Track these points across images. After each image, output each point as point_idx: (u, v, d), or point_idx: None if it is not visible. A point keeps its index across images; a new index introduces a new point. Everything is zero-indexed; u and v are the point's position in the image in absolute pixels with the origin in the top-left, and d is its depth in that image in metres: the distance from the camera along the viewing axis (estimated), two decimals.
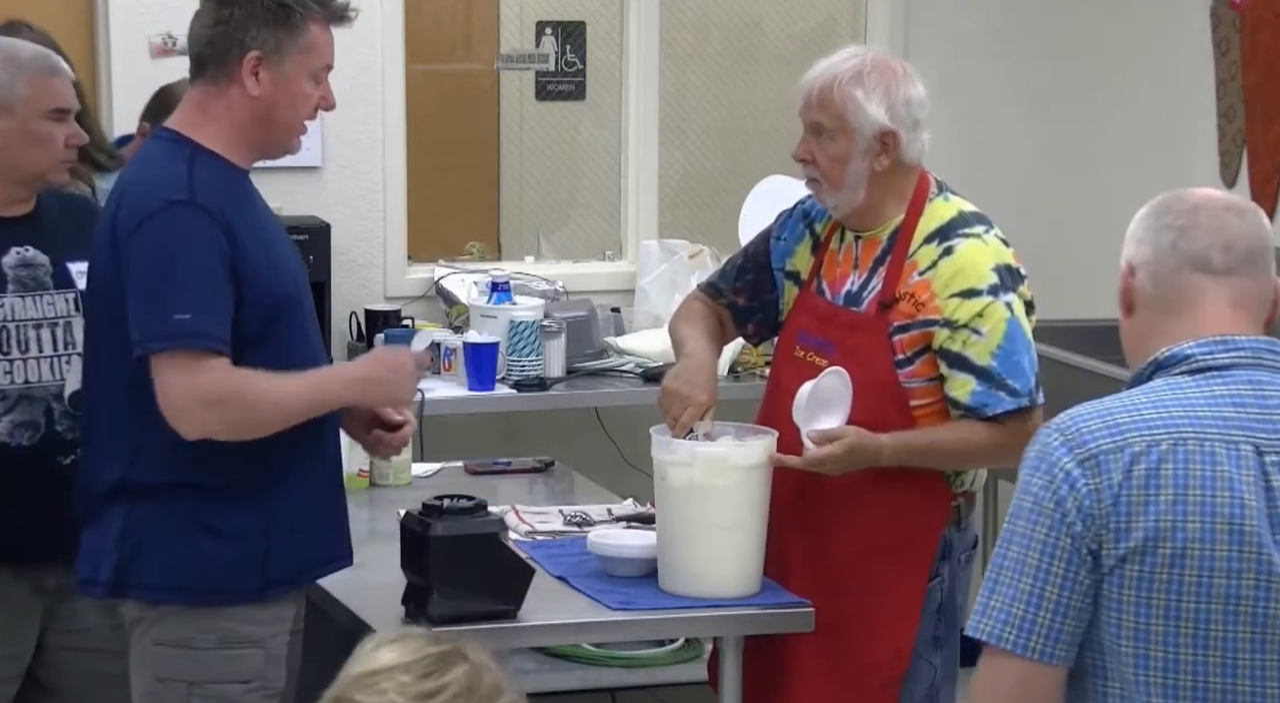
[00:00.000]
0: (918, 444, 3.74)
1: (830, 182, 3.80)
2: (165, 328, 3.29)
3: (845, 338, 3.82)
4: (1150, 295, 2.52)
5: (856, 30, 6.48)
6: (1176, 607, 2.38)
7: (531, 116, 6.92)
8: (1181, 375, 2.47)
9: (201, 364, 3.30)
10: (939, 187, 3.90)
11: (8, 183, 3.73)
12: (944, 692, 3.91)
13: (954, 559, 3.86)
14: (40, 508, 3.66)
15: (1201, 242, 2.49)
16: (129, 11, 5.70)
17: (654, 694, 5.49)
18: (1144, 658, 2.40)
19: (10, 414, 3.70)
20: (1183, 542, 2.37)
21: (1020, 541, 2.42)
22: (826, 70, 3.80)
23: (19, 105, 3.69)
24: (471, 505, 3.59)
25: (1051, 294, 6.17)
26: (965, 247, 3.77)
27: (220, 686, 3.42)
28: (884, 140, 3.77)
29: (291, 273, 3.51)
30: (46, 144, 3.72)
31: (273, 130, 3.46)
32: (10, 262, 3.73)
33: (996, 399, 3.71)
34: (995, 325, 3.72)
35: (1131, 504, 2.38)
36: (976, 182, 6.40)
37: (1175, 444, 2.40)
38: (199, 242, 3.32)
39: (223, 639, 3.41)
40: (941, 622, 3.86)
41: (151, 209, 3.33)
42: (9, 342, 3.70)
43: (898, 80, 3.80)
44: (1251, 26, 5.71)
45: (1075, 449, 2.41)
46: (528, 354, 5.51)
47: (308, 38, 3.44)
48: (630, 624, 3.74)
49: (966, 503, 3.90)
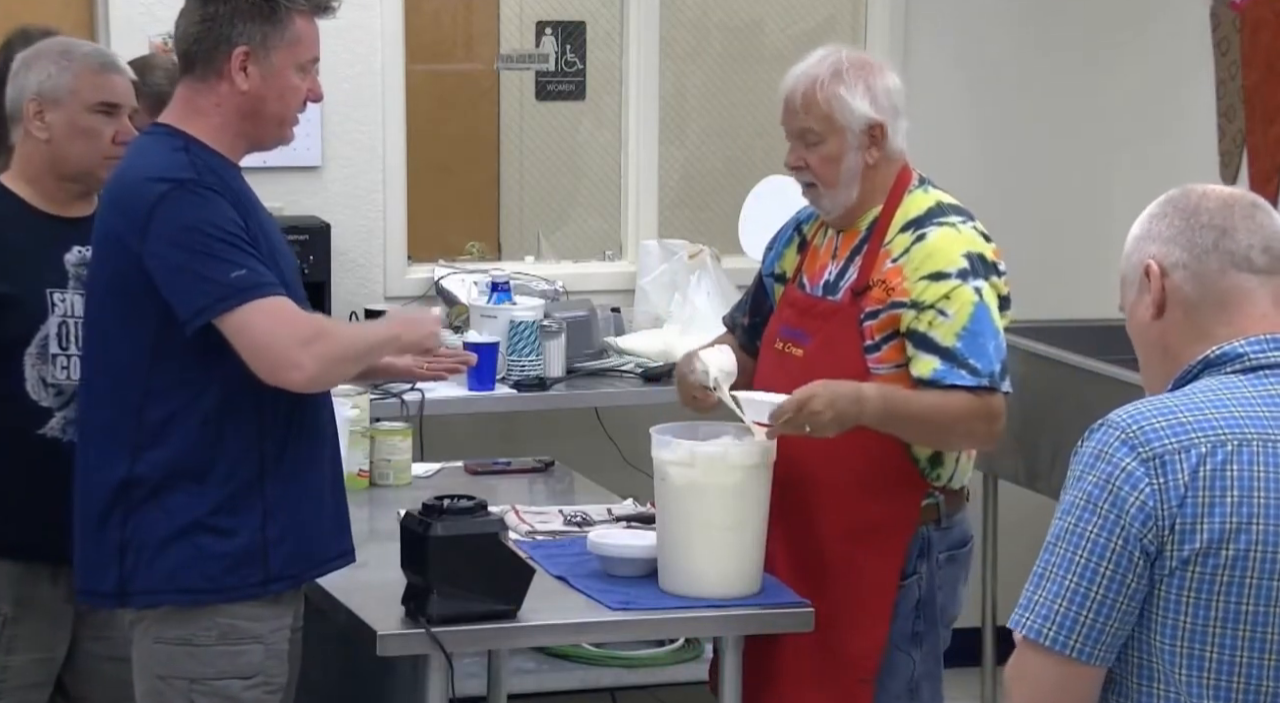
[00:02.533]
0: (900, 394, 3.73)
1: (826, 183, 3.83)
2: (228, 287, 3.30)
3: (820, 327, 3.86)
4: (1190, 296, 2.47)
5: (856, 30, 6.47)
6: (1236, 610, 2.35)
7: (531, 116, 6.92)
8: (1234, 375, 2.44)
9: (281, 309, 3.32)
10: (920, 180, 3.92)
11: (57, 178, 3.77)
12: (925, 688, 3.93)
13: (932, 558, 3.87)
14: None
15: (1244, 241, 2.47)
16: (129, 12, 5.70)
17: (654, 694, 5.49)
18: (1198, 660, 2.37)
19: (64, 410, 3.72)
20: (1246, 544, 2.34)
21: (1069, 537, 2.39)
22: (804, 75, 3.85)
23: (67, 97, 3.74)
24: (471, 505, 3.59)
25: (1051, 294, 6.20)
26: (938, 233, 3.80)
27: (222, 682, 3.43)
28: (873, 133, 3.82)
29: (288, 265, 3.53)
30: (92, 138, 3.75)
31: (262, 123, 3.47)
32: (72, 259, 3.77)
33: (957, 375, 3.73)
34: (961, 308, 3.74)
35: (1198, 506, 2.35)
36: (976, 181, 6.41)
37: (1240, 445, 2.37)
38: (218, 211, 3.34)
39: (223, 635, 3.42)
40: (920, 618, 3.87)
41: (162, 191, 3.34)
42: (68, 338, 3.73)
43: (876, 72, 3.85)
44: (1251, 26, 5.71)
45: (1139, 448, 2.37)
46: (528, 354, 5.51)
47: (293, 31, 3.45)
48: (630, 624, 3.74)
49: (948, 501, 3.89)
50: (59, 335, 3.73)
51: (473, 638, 3.67)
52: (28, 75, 3.77)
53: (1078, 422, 2.60)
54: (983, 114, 6.40)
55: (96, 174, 3.78)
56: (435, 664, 3.55)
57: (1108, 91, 6.36)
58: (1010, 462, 5.75)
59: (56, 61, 3.76)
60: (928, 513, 3.86)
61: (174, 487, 3.38)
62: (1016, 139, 6.40)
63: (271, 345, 3.30)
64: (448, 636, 3.52)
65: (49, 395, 3.73)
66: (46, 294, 3.72)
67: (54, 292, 3.73)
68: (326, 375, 3.38)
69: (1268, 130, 5.64)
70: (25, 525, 3.71)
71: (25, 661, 3.77)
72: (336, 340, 3.40)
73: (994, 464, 5.90)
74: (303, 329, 3.32)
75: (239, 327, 3.30)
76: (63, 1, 5.85)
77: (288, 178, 5.59)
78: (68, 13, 5.78)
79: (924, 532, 3.85)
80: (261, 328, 3.30)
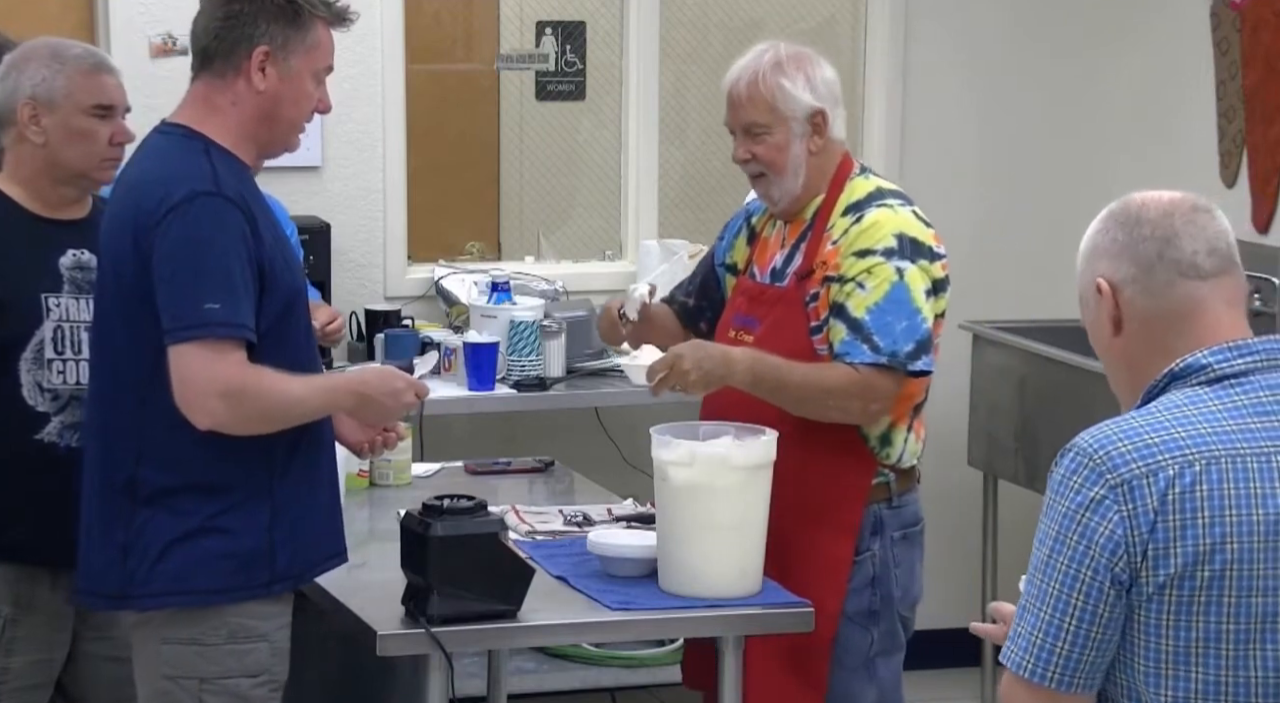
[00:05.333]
0: (770, 361, 3.85)
1: (775, 170, 3.98)
2: (195, 316, 3.30)
3: (768, 312, 4.00)
4: (1144, 310, 2.46)
5: (856, 30, 6.47)
6: (1217, 630, 2.34)
7: (531, 116, 6.92)
8: (1199, 386, 2.42)
9: (224, 354, 3.31)
10: (861, 168, 4.06)
11: (55, 182, 3.76)
12: (882, 666, 4.02)
13: (885, 536, 3.98)
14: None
15: (1188, 248, 2.45)
16: (129, 12, 5.70)
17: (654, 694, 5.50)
18: (1184, 682, 2.36)
19: (61, 415, 3.72)
20: (1221, 564, 2.33)
21: (1043, 569, 2.39)
22: (745, 69, 3.99)
23: (61, 100, 3.73)
24: (471, 505, 3.59)
25: (1051, 294, 6.19)
26: (873, 214, 3.93)
27: (231, 680, 3.43)
28: (815, 121, 3.97)
29: (299, 268, 3.55)
30: (88, 140, 3.74)
31: (276, 127, 3.47)
32: (66, 263, 3.76)
33: (858, 350, 3.85)
34: (879, 284, 3.86)
35: (1170, 529, 2.33)
36: (976, 181, 6.42)
37: (1209, 464, 2.35)
38: (227, 231, 3.34)
39: (231, 634, 3.42)
40: (876, 595, 3.99)
41: (177, 200, 3.33)
42: (63, 342, 3.72)
43: (813, 63, 4.00)
44: (1251, 26, 5.71)
45: (1105, 475, 2.36)
46: (528, 354, 5.51)
47: (314, 36, 3.46)
48: (630, 624, 3.74)
49: (898, 480, 4.00)
50: (54, 340, 3.72)
51: (473, 638, 3.67)
52: (19, 78, 3.75)
53: (1078, 422, 2.59)
54: (983, 114, 6.40)
55: (93, 176, 3.77)
56: (435, 664, 3.55)
57: (1107, 93, 6.36)
58: (1010, 462, 5.76)
59: (49, 64, 3.74)
60: (879, 492, 3.98)
61: (182, 489, 3.38)
62: (1016, 139, 6.40)
63: (193, 385, 3.31)
64: (448, 636, 3.52)
65: (45, 400, 3.72)
66: (41, 299, 3.71)
67: (49, 296, 3.72)
68: (238, 427, 3.35)
69: (1268, 130, 5.64)
70: (24, 529, 3.71)
71: (25, 662, 3.76)
72: (260, 401, 3.34)
73: (994, 464, 5.90)
74: (230, 381, 3.31)
75: (178, 355, 3.32)
76: (62, 2, 5.84)
77: (288, 178, 5.59)
78: (67, 13, 5.78)
79: (876, 510, 3.97)
80: (194, 366, 3.31)
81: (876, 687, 4.02)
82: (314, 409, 3.46)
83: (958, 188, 6.39)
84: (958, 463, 6.06)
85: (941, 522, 6.35)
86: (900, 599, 4.02)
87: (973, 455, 5.99)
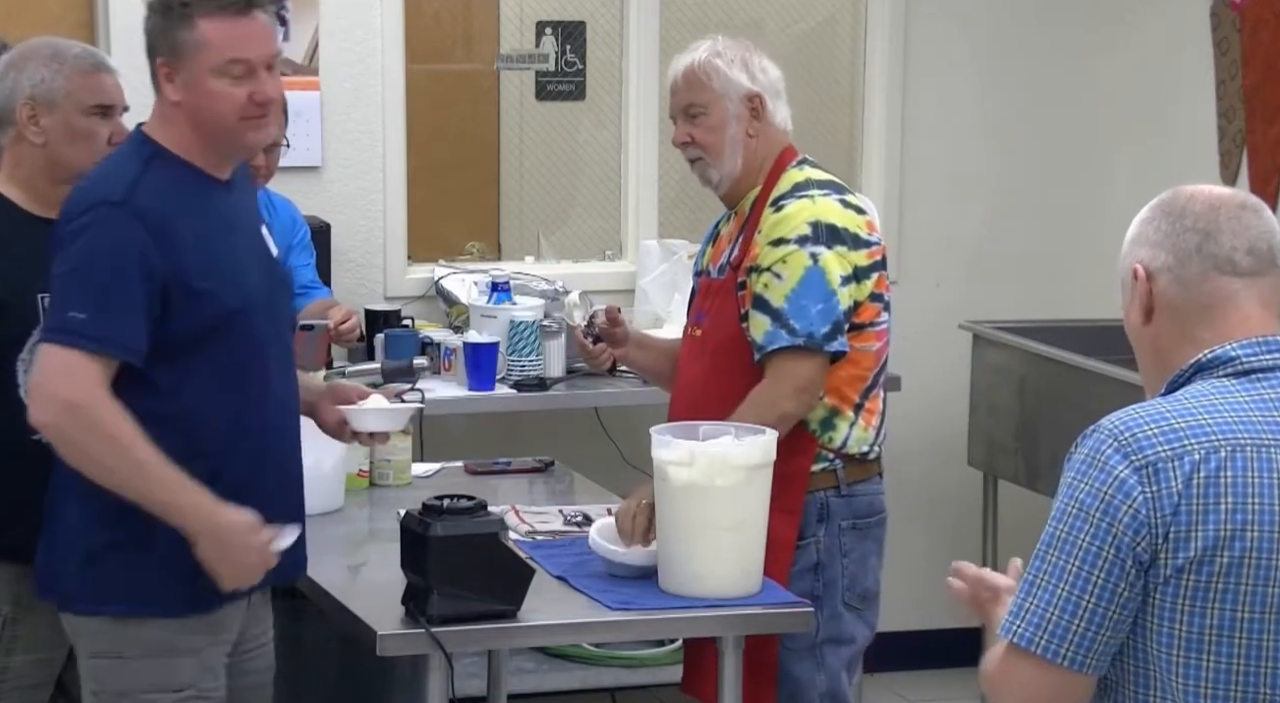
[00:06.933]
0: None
1: (711, 153, 4.07)
2: (59, 320, 3.32)
3: (711, 305, 4.11)
4: (1175, 301, 2.48)
5: (856, 30, 6.47)
6: (1232, 617, 2.35)
7: (531, 116, 6.92)
8: (1226, 379, 2.43)
9: (77, 366, 3.29)
10: (800, 161, 4.13)
11: (53, 182, 3.75)
12: (829, 654, 4.04)
13: (833, 523, 4.02)
14: None
15: (1226, 244, 2.46)
16: (129, 12, 5.68)
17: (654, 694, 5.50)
18: (1195, 668, 2.36)
19: None
20: (1240, 551, 2.34)
21: (1061, 545, 2.38)
22: (683, 59, 4.13)
23: (61, 100, 3.72)
24: (471, 505, 3.59)
25: (1052, 294, 6.20)
26: (792, 205, 4.01)
27: (151, 695, 3.41)
28: (751, 104, 4.05)
29: (249, 287, 3.44)
30: (88, 140, 3.74)
31: (209, 133, 3.42)
32: None
33: (779, 337, 3.93)
34: (794, 271, 3.94)
35: (1192, 513, 2.34)
36: (976, 180, 6.42)
37: (1234, 451, 2.36)
38: (117, 245, 3.31)
39: (152, 649, 3.40)
40: (819, 581, 4.02)
41: (81, 209, 3.35)
42: None
43: (751, 52, 4.12)
44: (1251, 26, 5.72)
45: (1131, 456, 2.36)
46: (528, 354, 5.51)
47: (198, 35, 3.37)
48: (630, 624, 3.74)
49: (848, 468, 4.03)
50: None
51: (473, 638, 3.67)
52: (18, 78, 3.74)
53: (1078, 422, 2.59)
54: (983, 114, 6.40)
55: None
56: (435, 664, 3.55)
57: (1107, 94, 6.36)
58: (1010, 462, 5.76)
59: (48, 64, 3.73)
60: (824, 478, 4.02)
61: (103, 496, 3.34)
62: (1016, 140, 6.40)
63: (42, 386, 3.33)
64: (448, 636, 3.52)
65: None
66: (38, 299, 3.70)
67: (46, 297, 3.72)
68: (63, 445, 3.33)
69: (1268, 130, 5.64)
70: (23, 529, 3.70)
71: (25, 661, 3.76)
72: (92, 431, 3.28)
73: (994, 464, 5.90)
74: (73, 393, 3.28)
75: (40, 355, 3.35)
76: (62, 2, 5.84)
77: (288, 178, 5.58)
78: (67, 13, 5.78)
79: (822, 497, 4.02)
80: (48, 370, 3.32)
81: (826, 674, 4.04)
82: (149, 488, 3.30)
83: (958, 188, 6.39)
84: (958, 463, 6.06)
85: (941, 522, 6.37)
86: (847, 588, 4.05)
87: (973, 455, 5.99)
